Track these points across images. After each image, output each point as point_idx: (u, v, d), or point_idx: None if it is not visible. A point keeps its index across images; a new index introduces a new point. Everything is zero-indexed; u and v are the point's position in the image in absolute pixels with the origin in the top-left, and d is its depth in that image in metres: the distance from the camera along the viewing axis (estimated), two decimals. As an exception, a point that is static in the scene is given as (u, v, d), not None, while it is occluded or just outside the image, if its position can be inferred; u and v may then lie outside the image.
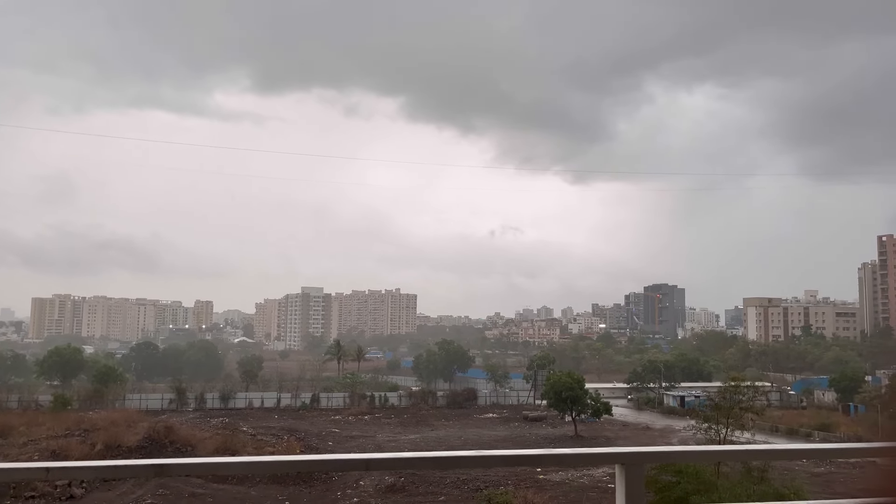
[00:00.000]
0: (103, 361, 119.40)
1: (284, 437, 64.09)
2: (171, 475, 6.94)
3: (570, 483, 45.47)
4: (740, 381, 54.28)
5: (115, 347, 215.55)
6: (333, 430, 72.17)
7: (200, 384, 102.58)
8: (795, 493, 30.82)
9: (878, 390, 76.89)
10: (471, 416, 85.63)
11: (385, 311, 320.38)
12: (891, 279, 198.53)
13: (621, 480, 3.12)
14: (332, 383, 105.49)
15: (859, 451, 4.37)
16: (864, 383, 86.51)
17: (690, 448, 4.50)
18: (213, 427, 66.74)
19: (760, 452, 6.67)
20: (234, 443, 56.27)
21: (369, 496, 43.59)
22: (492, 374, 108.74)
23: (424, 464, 3.19)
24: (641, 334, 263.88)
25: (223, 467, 3.73)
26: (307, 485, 45.29)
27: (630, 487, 3.09)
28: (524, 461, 3.36)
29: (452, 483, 45.65)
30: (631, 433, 72.49)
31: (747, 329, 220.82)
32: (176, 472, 3.09)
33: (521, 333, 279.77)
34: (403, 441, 66.42)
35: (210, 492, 42.57)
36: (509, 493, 38.68)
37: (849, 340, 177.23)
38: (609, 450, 3.26)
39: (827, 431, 70.17)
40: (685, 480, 29.92)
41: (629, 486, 3.09)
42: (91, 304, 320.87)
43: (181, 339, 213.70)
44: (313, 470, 34.83)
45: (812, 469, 48.81)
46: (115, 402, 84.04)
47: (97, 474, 2.84)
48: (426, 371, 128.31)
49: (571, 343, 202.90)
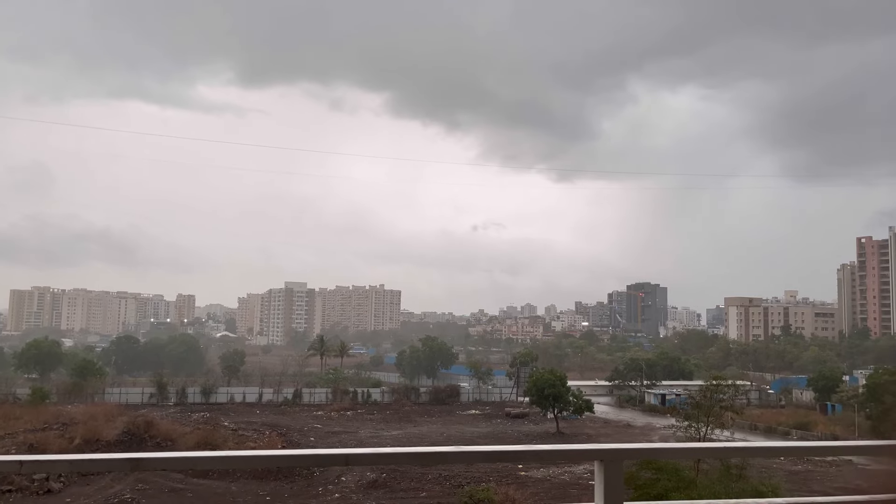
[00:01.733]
0: (82, 355, 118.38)
1: (266, 432, 63.81)
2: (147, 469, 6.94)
3: (552, 480, 45.68)
4: (721, 380, 54.83)
5: (94, 341, 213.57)
6: (315, 426, 71.98)
7: (182, 378, 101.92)
8: (772, 490, 31.18)
9: (855, 390, 77.92)
10: (453, 413, 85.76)
11: (369, 307, 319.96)
12: (869, 280, 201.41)
13: (600, 476, 3.13)
14: (314, 379, 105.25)
15: (835, 450, 4.48)
16: (842, 383, 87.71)
17: (668, 445, 4.54)
18: (193, 422, 66.28)
19: (736, 450, 6.78)
20: (215, 438, 55.90)
21: (351, 492, 43.51)
22: (475, 370, 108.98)
23: (404, 459, 3.17)
24: (624, 332, 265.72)
25: (200, 462, 3.69)
26: (288, 480, 45.12)
27: (609, 483, 3.10)
28: (504, 457, 3.36)
29: (434, 479, 45.69)
30: (612, 430, 72.96)
31: (728, 328, 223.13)
32: (152, 467, 3.05)
33: (504, 330, 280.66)
34: (386, 437, 66.40)
35: (190, 487, 42.27)
36: (491, 489, 38.77)
37: (827, 340, 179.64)
38: (588, 446, 3.27)
39: (805, 430, 71.01)
40: (665, 478, 30.16)
41: (608, 482, 3.10)
42: (71, 297, 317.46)
43: (162, 333, 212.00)
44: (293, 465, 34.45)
45: (790, 467, 49.41)
46: (94, 396, 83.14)
47: (72, 468, 2.78)
48: (409, 367, 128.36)
49: (554, 340, 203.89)
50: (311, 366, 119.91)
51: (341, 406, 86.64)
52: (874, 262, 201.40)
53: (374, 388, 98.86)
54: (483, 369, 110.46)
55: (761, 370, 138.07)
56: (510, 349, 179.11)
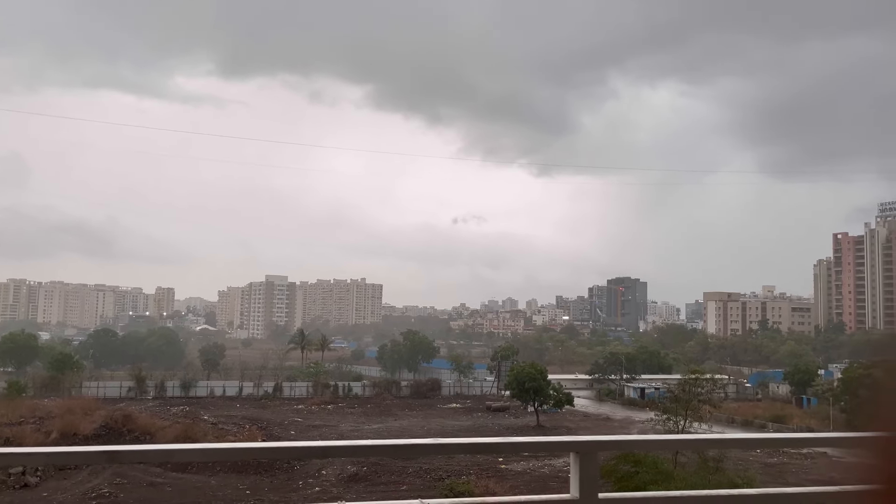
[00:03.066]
0: (59, 348, 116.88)
1: (246, 426, 63.50)
2: (123, 462, 6.83)
3: (532, 472, 45.97)
4: (699, 374, 55.50)
5: (72, 334, 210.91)
6: (296, 420, 71.77)
7: (161, 372, 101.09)
8: (748, 482, 31.65)
9: (830, 384, 79.17)
10: (434, 407, 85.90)
11: (350, 301, 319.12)
12: (845, 276, 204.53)
13: (575, 468, 3.17)
14: (295, 372, 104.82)
15: (810, 441, 4.55)
16: (817, 377, 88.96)
17: (642, 437, 4.58)
18: (173, 415, 65.76)
19: (712, 441, 6.83)
20: (195, 431, 55.55)
21: (331, 485, 43.46)
22: (456, 364, 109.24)
23: (382, 451, 3.19)
24: (604, 326, 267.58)
25: (176, 454, 3.68)
26: (268, 474, 44.96)
27: (584, 474, 3.15)
28: (480, 449, 3.40)
29: (415, 472, 45.79)
30: (592, 424, 73.51)
31: (707, 323, 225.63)
32: (128, 459, 3.04)
33: (485, 324, 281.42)
34: (366, 430, 66.39)
35: (169, 480, 41.98)
36: (471, 482, 38.97)
37: (803, 335, 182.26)
38: (563, 438, 3.31)
39: (781, 423, 72.11)
40: (644, 470, 30.51)
41: (583, 473, 3.15)
42: (47, 290, 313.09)
43: (141, 327, 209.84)
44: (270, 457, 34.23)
45: (766, 459, 50.13)
46: (71, 390, 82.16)
47: (47, 461, 2.75)
48: (391, 361, 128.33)
49: (535, 334, 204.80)
50: (292, 359, 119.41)
51: (322, 400, 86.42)
52: (850, 258, 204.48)
53: (355, 382, 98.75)
54: (464, 363, 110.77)
55: (739, 364, 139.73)
56: (491, 343, 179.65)
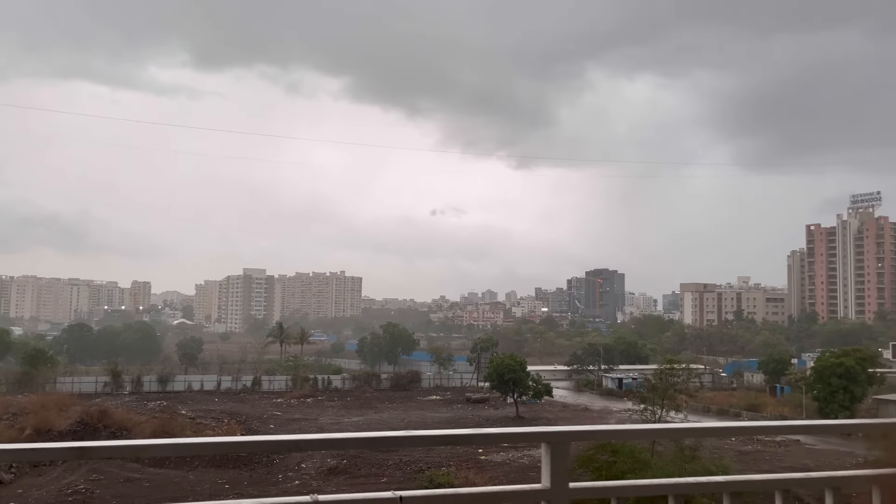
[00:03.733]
0: (33, 343, 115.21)
1: (225, 420, 63.12)
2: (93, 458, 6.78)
3: (511, 463, 46.30)
4: (675, 364, 56.13)
5: (45, 329, 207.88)
6: (275, 413, 71.47)
7: (137, 367, 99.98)
8: (723, 470, 32.11)
9: (802, 372, 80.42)
10: (414, 399, 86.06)
11: (329, 294, 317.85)
12: (817, 266, 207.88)
13: (547, 458, 3.21)
14: (274, 366, 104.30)
15: (784, 429, 4.64)
16: (790, 366, 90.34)
17: (612, 427, 4.64)
18: (150, 410, 65.07)
19: (684, 430, 6.86)
20: (173, 426, 55.01)
21: (311, 478, 43.39)
22: (436, 356, 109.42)
23: (355, 444, 3.20)
24: (582, 318, 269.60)
25: (148, 449, 3.66)
26: (248, 468, 44.75)
27: (555, 464, 3.19)
28: (454, 440, 3.42)
29: (395, 464, 45.88)
30: (570, 414, 74.12)
31: (683, 313, 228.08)
32: (98, 455, 3.02)
33: (465, 316, 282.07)
34: (346, 423, 66.32)
35: (146, 476, 41.60)
36: (451, 473, 39.15)
37: (777, 325, 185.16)
38: (535, 429, 3.35)
39: (755, 411, 73.29)
40: (621, 459, 30.85)
41: (554, 463, 3.19)
42: (20, 284, 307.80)
43: (117, 321, 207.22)
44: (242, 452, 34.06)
45: (741, 447, 50.92)
46: (45, 386, 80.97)
47: (14, 457, 2.72)
48: (371, 354, 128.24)
49: (514, 326, 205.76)
50: (271, 353, 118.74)
51: (301, 393, 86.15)
52: (822, 249, 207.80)
53: (334, 375, 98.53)
54: (444, 355, 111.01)
55: (715, 354, 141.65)
56: (471, 335, 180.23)
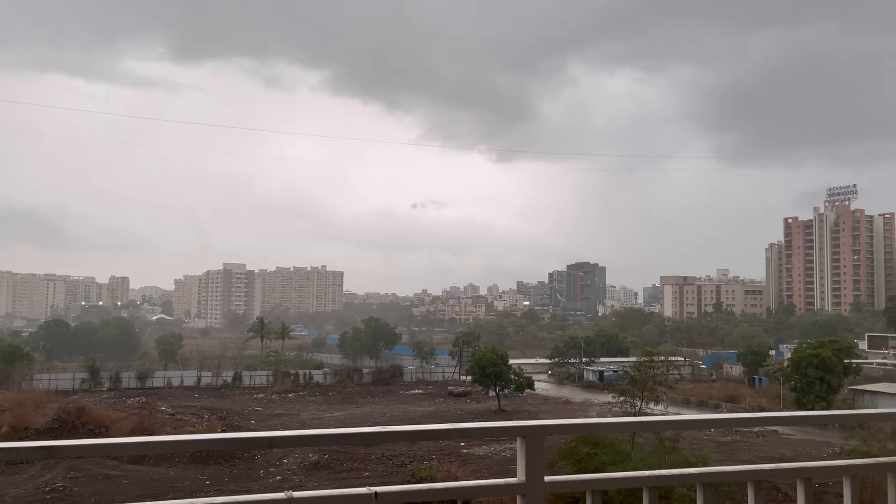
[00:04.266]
0: (8, 340, 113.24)
1: (205, 416, 62.62)
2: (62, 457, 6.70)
3: (493, 456, 46.45)
4: (654, 356, 56.63)
5: (21, 325, 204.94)
6: (256, 409, 71.09)
7: (115, 363, 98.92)
8: (702, 461, 32.52)
9: (780, 364, 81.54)
10: (396, 393, 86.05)
11: (310, 289, 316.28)
12: (795, 259, 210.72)
13: (522, 452, 3.21)
14: (255, 361, 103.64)
15: (762, 421, 4.68)
16: (768, 357, 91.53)
17: (586, 420, 4.70)
18: (128, 407, 64.44)
19: (659, 423, 6.93)
20: (152, 423, 54.53)
21: (293, 474, 43.27)
22: (418, 350, 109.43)
23: (329, 440, 3.17)
24: (564, 311, 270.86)
25: (118, 448, 3.61)
26: (229, 464, 44.52)
27: (530, 458, 3.19)
28: (429, 436, 3.40)
29: (377, 459, 45.87)
30: (552, 407, 74.50)
31: (664, 306, 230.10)
32: (67, 454, 2.96)
33: (447, 310, 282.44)
34: (328, 418, 66.18)
35: (125, 473, 41.22)
36: (433, 467, 39.21)
37: (756, 317, 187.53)
38: (511, 424, 3.34)
39: (734, 403, 74.22)
40: (602, 452, 31.10)
41: (529, 457, 3.19)
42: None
43: (94, 317, 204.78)
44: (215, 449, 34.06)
45: (720, 438, 51.56)
46: (21, 383, 79.85)
47: None
48: (352, 348, 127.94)
49: (496, 320, 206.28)
50: (252, 348, 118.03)
51: (283, 388, 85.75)
52: (799, 242, 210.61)
53: (316, 370, 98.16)
54: (426, 349, 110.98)
55: (694, 346, 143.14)
56: (453, 329, 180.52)
